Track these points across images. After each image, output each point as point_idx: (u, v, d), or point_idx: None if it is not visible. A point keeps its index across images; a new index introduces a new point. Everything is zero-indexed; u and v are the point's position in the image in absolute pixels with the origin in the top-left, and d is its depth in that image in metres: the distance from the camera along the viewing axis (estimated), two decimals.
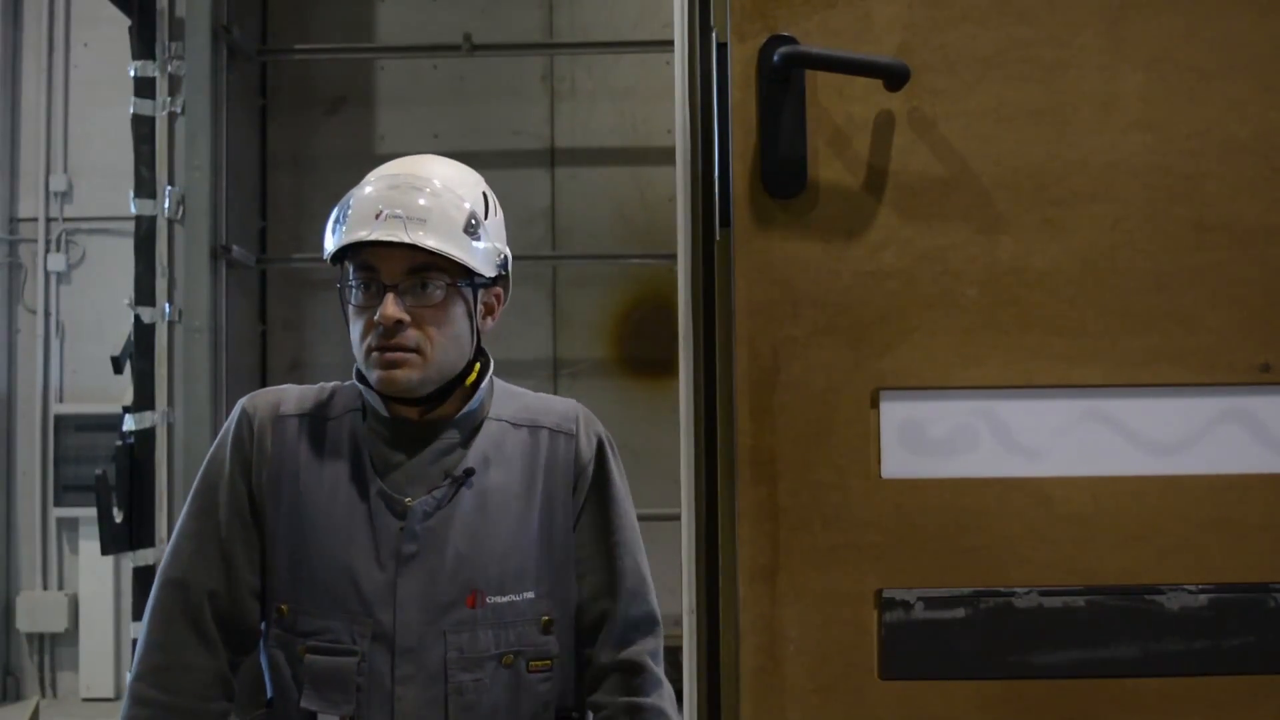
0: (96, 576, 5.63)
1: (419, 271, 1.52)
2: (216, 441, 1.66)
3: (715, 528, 1.59)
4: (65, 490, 5.73)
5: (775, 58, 1.46)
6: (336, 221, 1.56)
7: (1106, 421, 1.49)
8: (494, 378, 1.69)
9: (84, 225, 5.81)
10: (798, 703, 1.49)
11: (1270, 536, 1.48)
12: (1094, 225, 1.49)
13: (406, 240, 1.49)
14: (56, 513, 5.75)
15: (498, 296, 1.66)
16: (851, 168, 1.50)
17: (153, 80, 3.95)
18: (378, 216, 1.50)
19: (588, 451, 1.67)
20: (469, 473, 1.58)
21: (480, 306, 1.61)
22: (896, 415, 1.50)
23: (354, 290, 1.55)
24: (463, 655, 1.55)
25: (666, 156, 2.58)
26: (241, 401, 1.67)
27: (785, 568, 1.49)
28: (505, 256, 1.63)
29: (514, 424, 1.65)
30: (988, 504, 1.49)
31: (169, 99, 3.95)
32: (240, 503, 1.61)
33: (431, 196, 1.53)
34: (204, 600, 1.59)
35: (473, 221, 1.55)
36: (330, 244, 1.57)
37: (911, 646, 1.48)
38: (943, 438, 1.50)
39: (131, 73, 3.96)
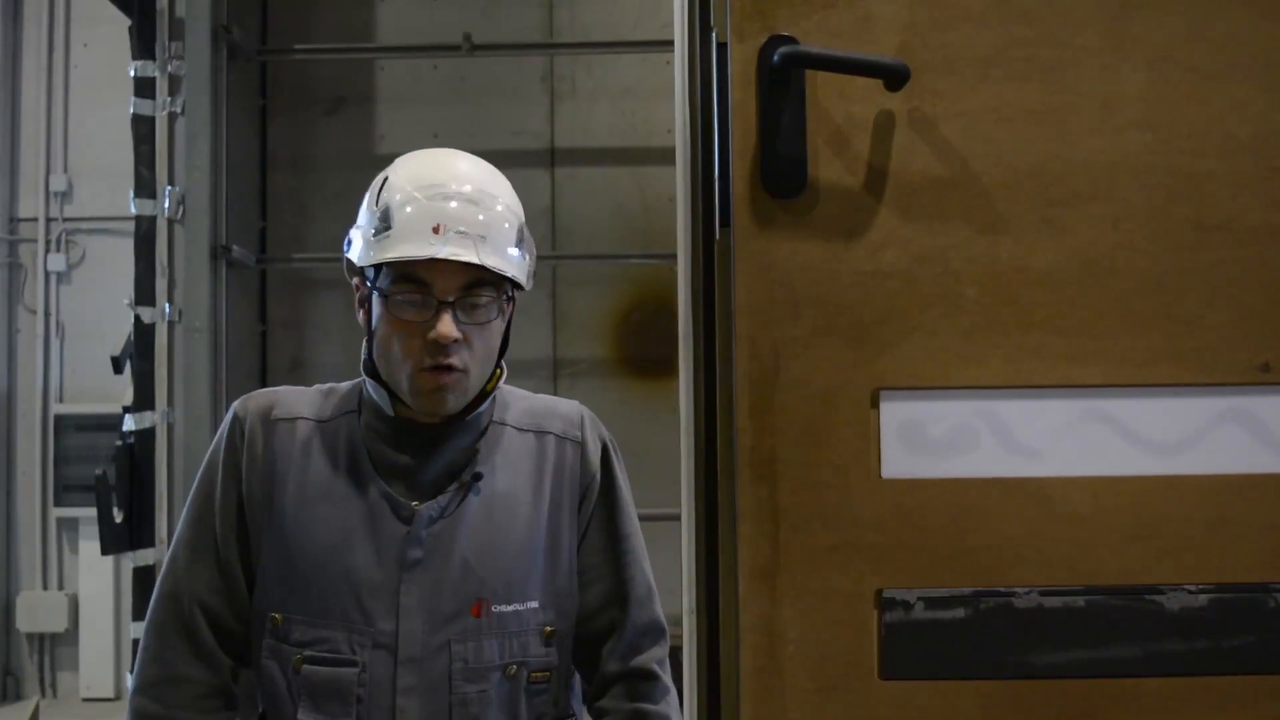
0: (96, 576, 5.63)
1: (471, 287, 1.48)
2: (212, 446, 1.62)
3: (715, 528, 1.58)
4: (65, 490, 5.74)
5: (775, 58, 1.46)
6: (378, 229, 1.48)
7: (1106, 421, 1.49)
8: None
9: (84, 225, 5.82)
10: (798, 703, 1.49)
11: (1270, 536, 1.48)
12: (1094, 225, 1.49)
13: (475, 260, 1.44)
14: (56, 513, 5.75)
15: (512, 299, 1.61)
16: (851, 168, 1.50)
17: (153, 80, 3.95)
18: (436, 230, 1.44)
19: (595, 459, 1.63)
20: (477, 477, 1.54)
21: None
22: (896, 415, 1.50)
23: (400, 304, 1.48)
24: (467, 666, 1.51)
25: (666, 156, 2.58)
26: (234, 404, 1.62)
27: (785, 568, 1.49)
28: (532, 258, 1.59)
29: (519, 429, 1.61)
30: (988, 504, 1.49)
31: (169, 99, 3.95)
32: (232, 511, 1.57)
33: (487, 210, 1.48)
34: (196, 612, 1.56)
35: (519, 233, 1.52)
36: (374, 252, 1.48)
37: (911, 646, 1.48)
38: (943, 438, 1.50)
39: (131, 73, 3.96)
